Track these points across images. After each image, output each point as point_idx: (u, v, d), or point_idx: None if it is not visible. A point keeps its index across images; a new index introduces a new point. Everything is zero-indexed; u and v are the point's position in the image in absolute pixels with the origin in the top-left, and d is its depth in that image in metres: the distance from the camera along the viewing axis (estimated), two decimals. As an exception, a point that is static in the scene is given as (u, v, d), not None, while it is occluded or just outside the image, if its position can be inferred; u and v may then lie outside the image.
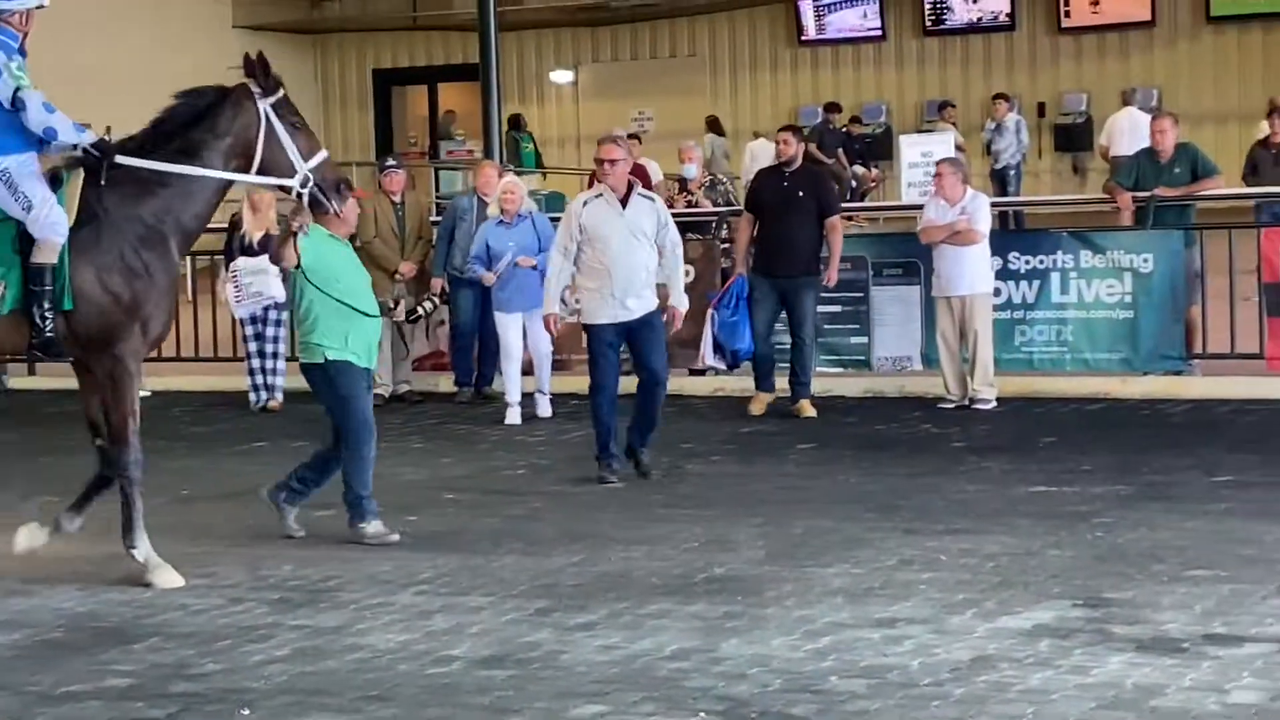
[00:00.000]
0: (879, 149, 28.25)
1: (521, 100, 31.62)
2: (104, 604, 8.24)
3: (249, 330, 15.37)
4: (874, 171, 27.13)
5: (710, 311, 14.22)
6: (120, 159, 8.72)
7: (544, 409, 14.39)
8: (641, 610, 7.72)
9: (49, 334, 8.55)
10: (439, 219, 16.06)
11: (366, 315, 9.79)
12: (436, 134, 33.27)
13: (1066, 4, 28.77)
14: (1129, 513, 9.62)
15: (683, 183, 16.70)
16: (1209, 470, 10.84)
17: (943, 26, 29.44)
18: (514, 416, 14.24)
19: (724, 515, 9.80)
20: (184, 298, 18.12)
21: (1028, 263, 14.54)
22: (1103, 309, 14.44)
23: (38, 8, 8.68)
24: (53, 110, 8.54)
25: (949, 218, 13.62)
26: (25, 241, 8.51)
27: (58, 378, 14.36)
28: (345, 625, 7.65)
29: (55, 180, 8.70)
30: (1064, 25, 28.95)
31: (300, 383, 16.19)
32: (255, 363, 15.40)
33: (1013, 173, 24.53)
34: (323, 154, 9.14)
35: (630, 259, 11.03)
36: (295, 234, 9.60)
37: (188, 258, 18.85)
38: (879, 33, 29.95)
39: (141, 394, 16.46)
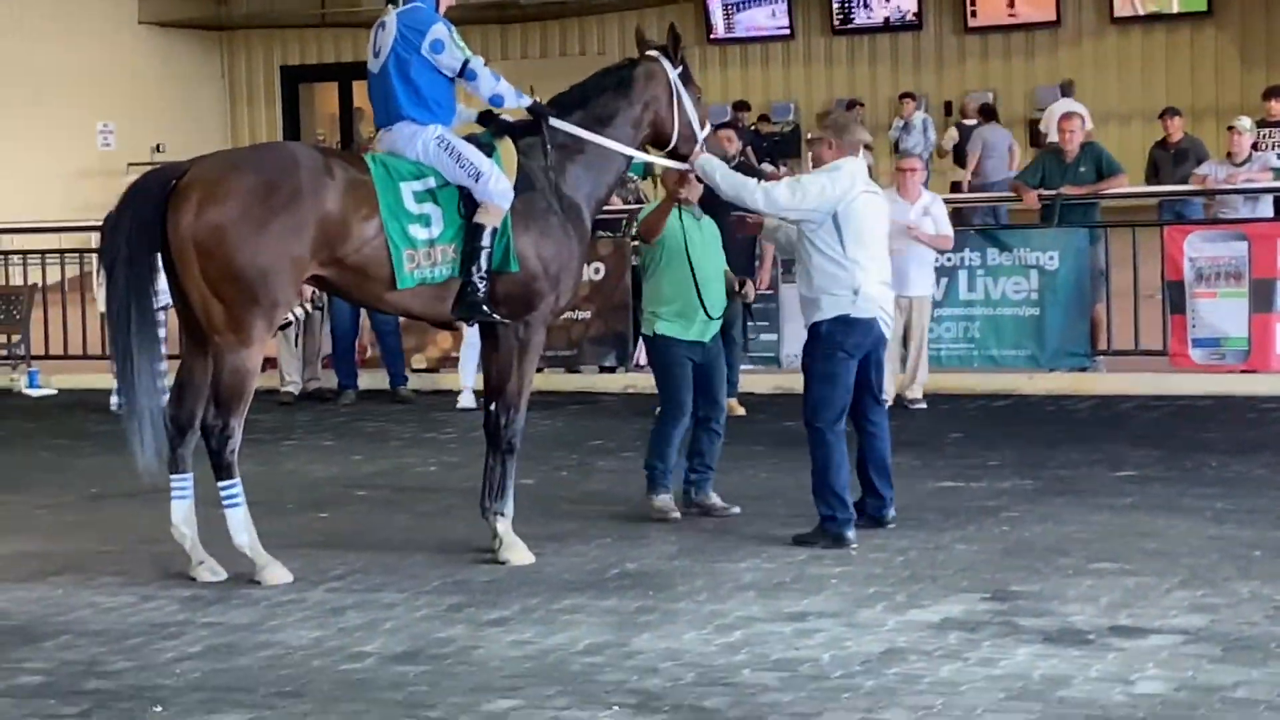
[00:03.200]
0: (787, 147, 28.39)
1: (430, 97, 31.53)
2: (13, 601, 8.18)
3: None
4: (782, 170, 27.23)
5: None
6: (554, 123, 8.89)
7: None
8: (554, 606, 7.75)
9: (480, 296, 8.55)
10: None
11: (700, 293, 9.66)
12: (348, 131, 33.11)
13: (973, 4, 28.98)
14: (1035, 507, 9.73)
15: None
16: (1113, 465, 10.98)
17: (851, 26, 29.58)
18: (466, 400, 14.48)
19: (635, 512, 9.84)
20: (88, 295, 17.99)
21: (935, 260, 14.66)
22: (1009, 306, 14.59)
23: None
24: (498, 78, 8.76)
25: (909, 218, 13.42)
26: (468, 208, 8.57)
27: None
28: (257, 622, 7.64)
29: (481, 148, 8.77)
30: (970, 25, 29.16)
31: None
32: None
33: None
34: (709, 126, 9.40)
35: None
36: (679, 203, 9.62)
37: (92, 256, 18.77)
38: (787, 31, 30.04)
39: (46, 392, 16.52)
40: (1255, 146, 15.84)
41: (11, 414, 15.62)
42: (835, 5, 29.47)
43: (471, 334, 14.64)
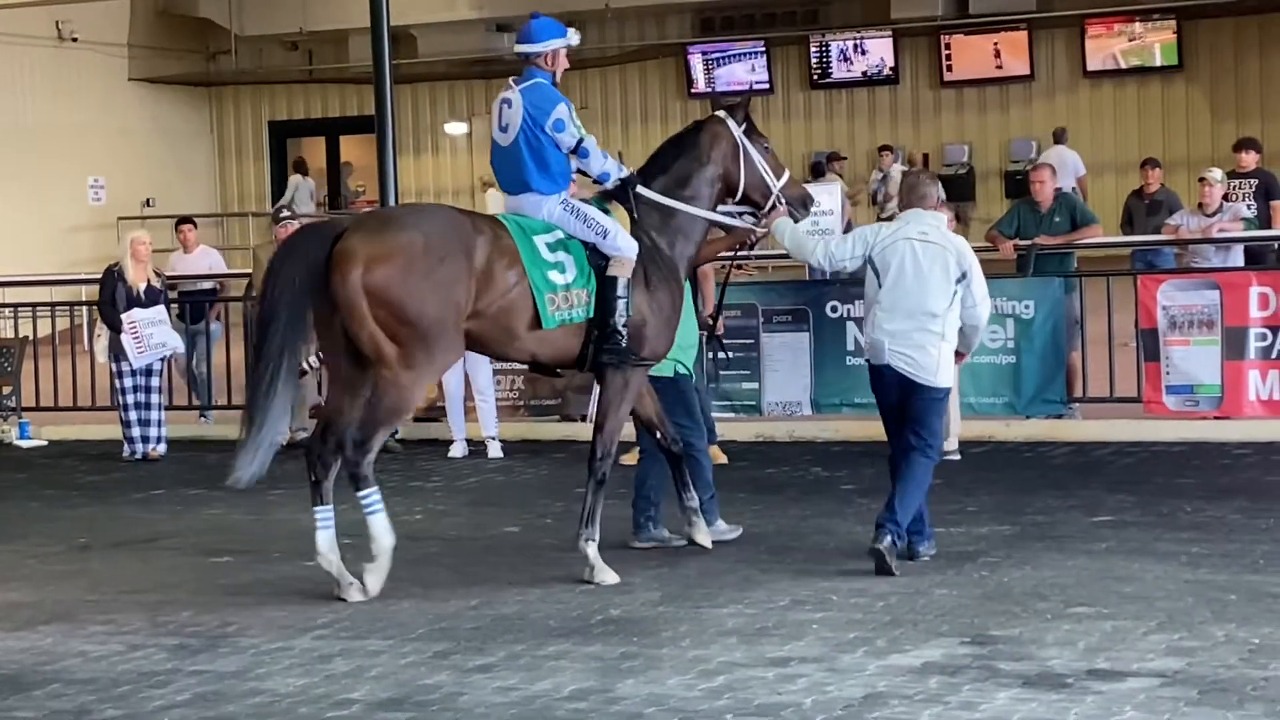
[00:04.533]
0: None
1: (417, 151, 31.58)
2: (2, 651, 8.13)
3: (127, 382, 15.24)
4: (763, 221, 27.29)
5: None
6: (641, 191, 9.65)
7: (494, 451, 14.62)
8: (539, 652, 7.72)
9: (623, 342, 9.33)
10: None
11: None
12: (334, 185, 33.17)
13: (949, 58, 29.10)
14: (1013, 552, 9.71)
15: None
16: (1090, 510, 10.97)
17: (829, 80, 29.70)
18: (458, 450, 14.69)
19: (619, 558, 9.79)
20: (79, 347, 17.96)
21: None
22: (986, 354, 14.59)
23: (565, 48, 9.75)
24: (606, 156, 9.67)
25: None
26: (594, 259, 9.36)
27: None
28: (244, 670, 7.59)
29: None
30: (946, 79, 29.29)
31: (185, 431, 16.15)
32: (132, 414, 15.27)
33: (898, 222, 24.81)
34: (786, 173, 10.04)
35: None
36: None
37: (83, 308, 18.75)
38: (767, 86, 30.15)
39: (37, 443, 16.48)
40: (1226, 197, 15.88)
41: (3, 465, 15.57)
42: (814, 60, 29.60)
43: (455, 387, 14.66)
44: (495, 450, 14.65)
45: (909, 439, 9.47)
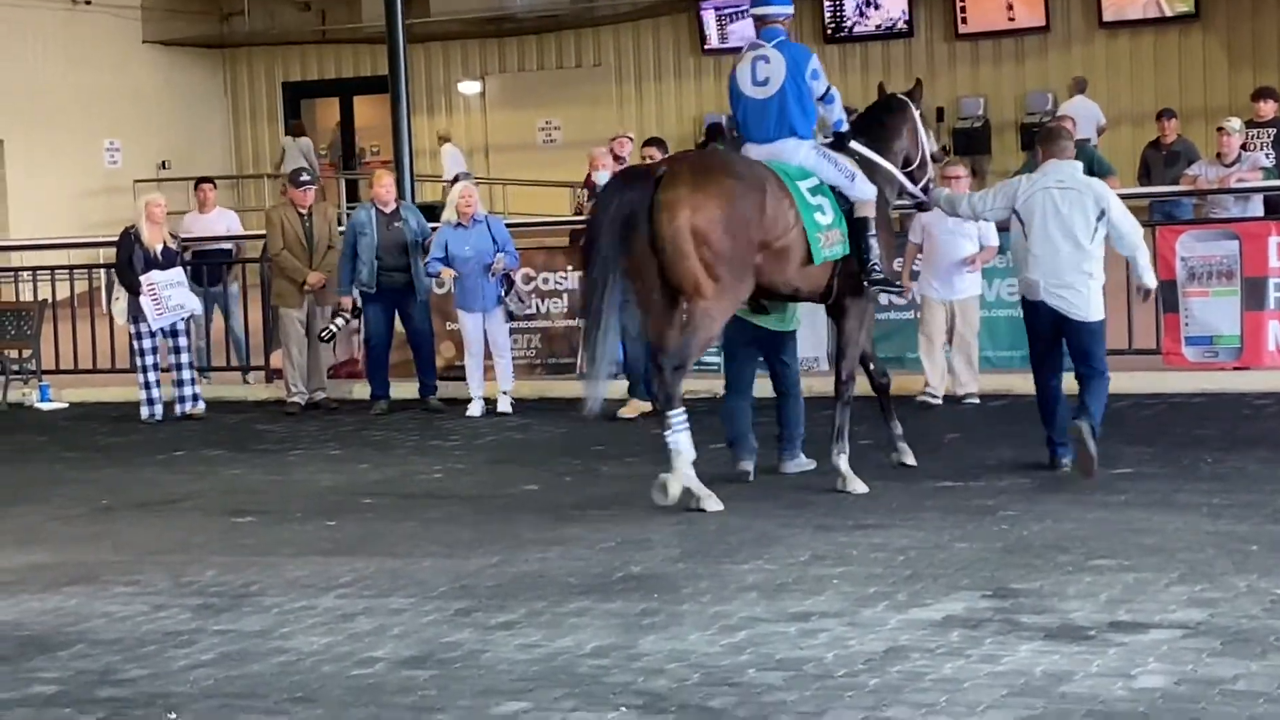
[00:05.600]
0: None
1: (430, 111, 31.52)
2: (27, 612, 8.17)
3: (146, 343, 15.26)
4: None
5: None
6: (854, 145, 10.82)
7: (504, 405, 14.77)
8: (560, 609, 7.74)
9: (881, 273, 10.57)
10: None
11: None
12: (349, 145, 33.14)
13: (963, 11, 28.97)
14: (1033, 505, 9.72)
15: (593, 190, 16.74)
16: (1109, 463, 10.95)
17: (843, 34, 29.59)
18: (475, 409, 14.72)
19: (639, 515, 9.83)
20: (97, 310, 18.00)
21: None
22: (1004, 308, 14.57)
23: (791, 16, 10.78)
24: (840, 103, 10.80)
25: (950, 223, 13.46)
26: (842, 203, 10.54)
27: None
28: (268, 629, 7.62)
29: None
30: (961, 31, 29.16)
31: (217, 391, 16.25)
32: (152, 375, 15.30)
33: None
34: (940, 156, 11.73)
35: None
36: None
37: (101, 271, 18.78)
38: (781, 41, 30.06)
39: (57, 406, 16.54)
40: (1244, 147, 15.83)
41: (24, 428, 15.63)
42: (827, 14, 29.46)
43: (475, 344, 14.73)
44: (505, 405, 14.74)
45: (1081, 370, 10.56)
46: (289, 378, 15.51)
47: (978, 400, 13.96)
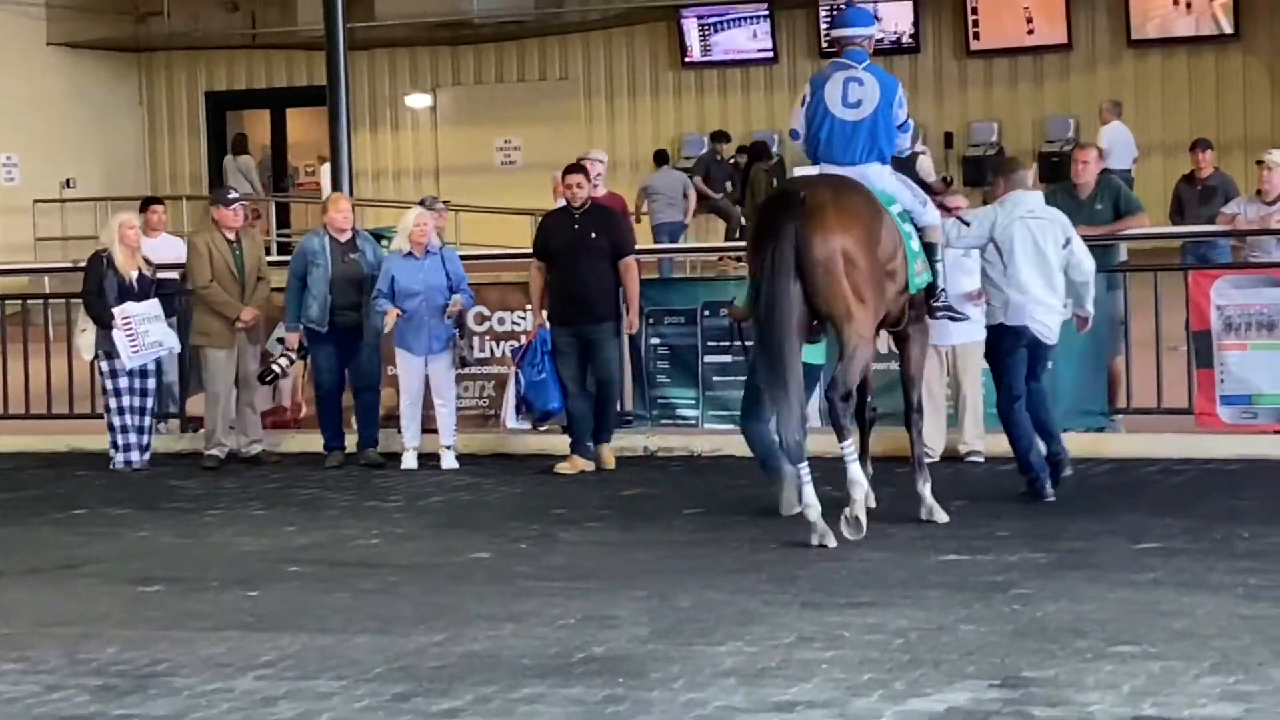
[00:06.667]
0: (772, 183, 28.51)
1: (374, 127, 31.60)
2: (-98, 692, 8.11)
3: (121, 383, 15.21)
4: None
5: (514, 370, 14.70)
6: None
7: (448, 462, 14.79)
8: (512, 695, 7.72)
9: (945, 300, 11.82)
10: (281, 259, 16.04)
11: None
12: (280, 163, 33.17)
13: (976, 24, 29.14)
14: (1048, 583, 9.72)
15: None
16: (1134, 537, 10.98)
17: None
18: (410, 461, 14.80)
19: (603, 588, 9.81)
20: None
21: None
22: (1018, 360, 14.59)
23: (874, 38, 12.48)
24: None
25: (949, 259, 13.54)
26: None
27: None
28: (177, 714, 7.59)
29: None
30: (973, 48, 29.34)
31: (98, 443, 16.04)
32: (126, 419, 15.25)
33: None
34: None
35: None
36: None
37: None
38: (770, 54, 30.22)
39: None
40: (1288, 183, 15.89)
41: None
42: (823, 26, 29.61)
43: (415, 390, 14.67)
44: (450, 461, 14.75)
45: (1032, 383, 12.37)
46: (213, 427, 15.45)
47: (982, 459, 13.96)
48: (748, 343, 13.17)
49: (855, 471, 11.05)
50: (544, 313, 14.53)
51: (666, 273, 22.49)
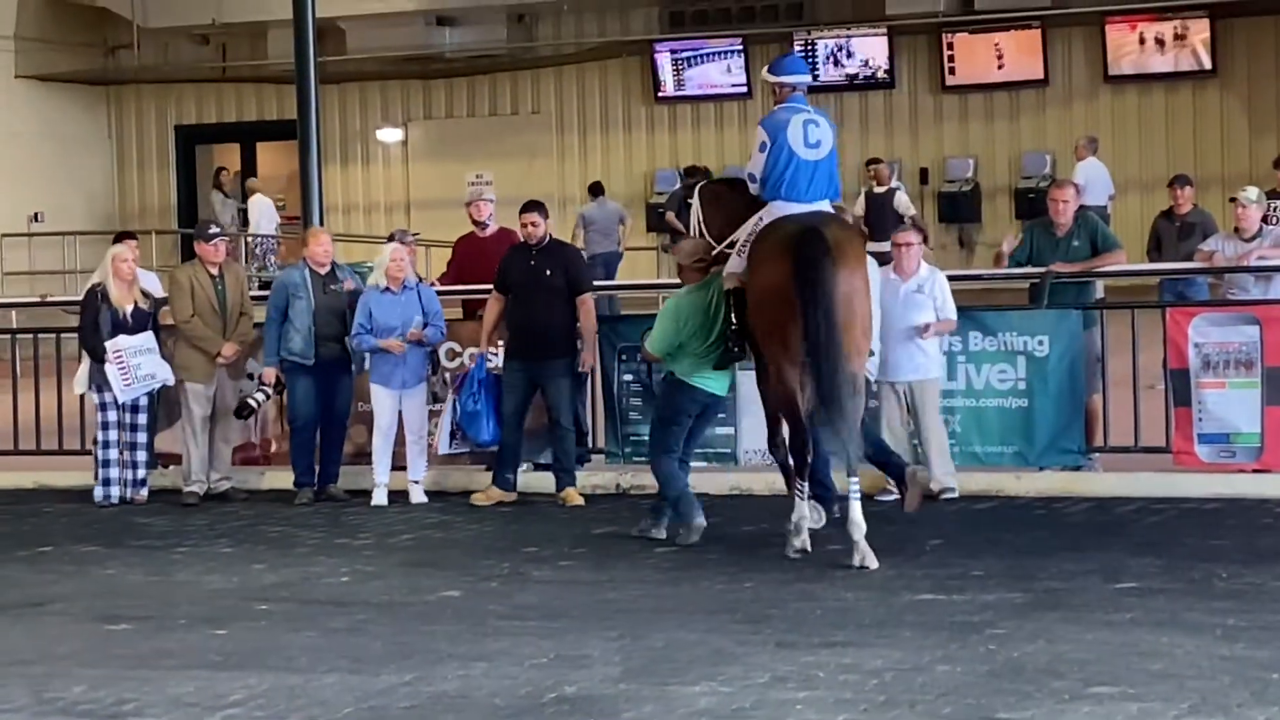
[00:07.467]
0: (745, 219, 28.56)
1: (344, 161, 31.62)
2: None
3: (111, 416, 15.19)
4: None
5: (452, 397, 14.88)
6: None
7: (417, 496, 14.90)
8: (483, 735, 7.70)
9: None
10: (259, 294, 16.05)
11: None
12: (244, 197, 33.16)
13: (951, 59, 29.22)
14: (1025, 623, 9.72)
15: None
16: (1111, 576, 10.99)
17: (815, 83, 29.82)
18: (380, 497, 14.89)
19: (575, 627, 9.80)
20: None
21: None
22: (994, 397, 14.61)
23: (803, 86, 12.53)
24: None
25: (902, 294, 13.71)
26: None
27: None
28: (144, 755, 7.56)
29: None
30: (948, 83, 29.43)
31: (71, 479, 16.00)
32: (111, 453, 15.22)
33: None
34: None
35: None
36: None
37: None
38: (744, 89, 30.28)
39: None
40: (1265, 220, 15.94)
41: None
42: (798, 60, 29.68)
43: (389, 425, 14.71)
44: (419, 496, 14.84)
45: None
46: (190, 465, 15.42)
47: (955, 494, 13.97)
48: (657, 382, 13.64)
49: (858, 510, 11.52)
50: (490, 345, 14.77)
51: (615, 308, 22.38)
